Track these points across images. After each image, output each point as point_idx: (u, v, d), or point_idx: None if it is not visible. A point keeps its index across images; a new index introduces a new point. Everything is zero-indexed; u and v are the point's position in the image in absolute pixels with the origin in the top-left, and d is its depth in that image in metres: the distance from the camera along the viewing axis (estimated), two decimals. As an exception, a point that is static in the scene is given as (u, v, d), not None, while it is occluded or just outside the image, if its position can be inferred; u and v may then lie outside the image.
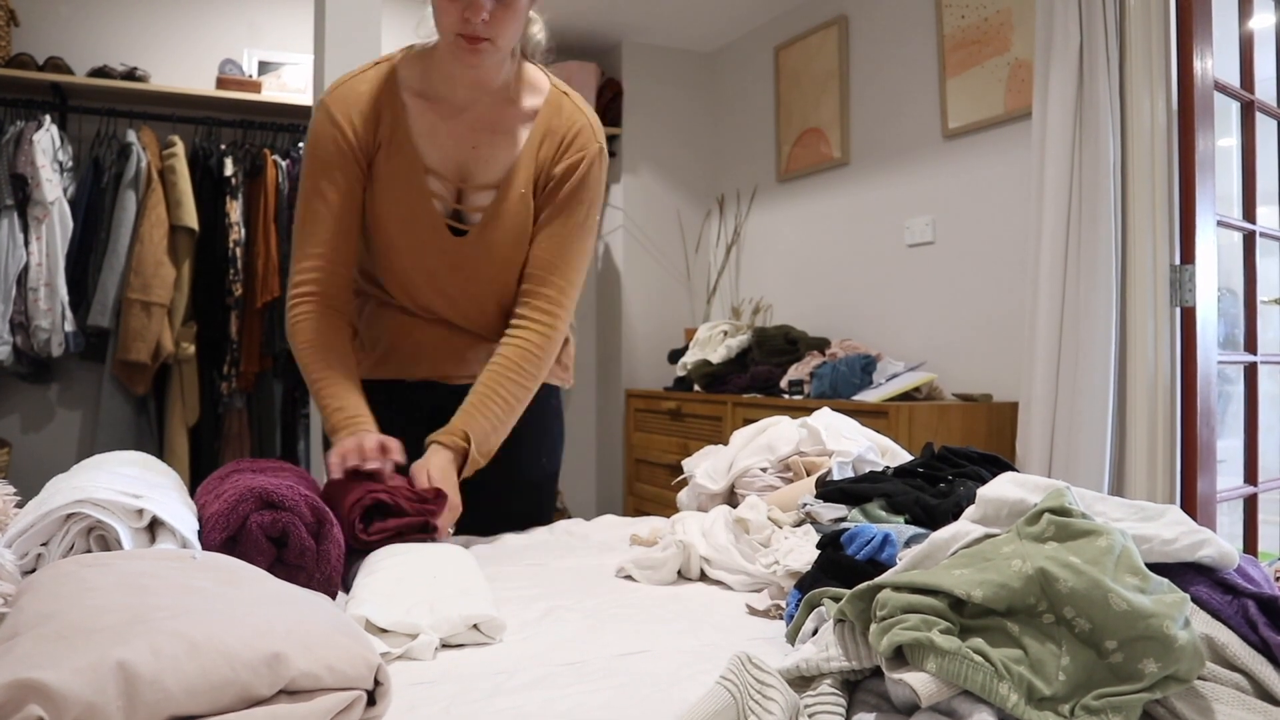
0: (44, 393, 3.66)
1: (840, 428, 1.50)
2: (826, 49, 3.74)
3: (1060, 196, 2.49)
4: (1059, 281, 2.49)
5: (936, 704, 0.64)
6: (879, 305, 3.48)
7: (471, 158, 1.50)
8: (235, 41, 3.92)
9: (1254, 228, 2.72)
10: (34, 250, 3.28)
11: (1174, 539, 0.78)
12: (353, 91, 1.49)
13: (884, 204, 3.48)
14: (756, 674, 0.67)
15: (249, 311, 3.61)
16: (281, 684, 0.63)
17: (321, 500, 1.09)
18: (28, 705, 0.54)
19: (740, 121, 4.32)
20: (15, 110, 3.45)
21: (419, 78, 1.50)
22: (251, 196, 3.66)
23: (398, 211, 1.50)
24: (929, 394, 2.87)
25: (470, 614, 0.94)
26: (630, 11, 4.00)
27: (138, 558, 0.82)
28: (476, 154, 1.50)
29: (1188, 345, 2.37)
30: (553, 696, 0.80)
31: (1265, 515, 2.80)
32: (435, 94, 1.50)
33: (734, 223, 4.30)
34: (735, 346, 3.58)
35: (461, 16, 1.34)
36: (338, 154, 1.47)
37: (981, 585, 0.67)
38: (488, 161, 1.51)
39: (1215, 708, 0.68)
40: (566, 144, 1.52)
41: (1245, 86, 2.72)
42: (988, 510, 0.85)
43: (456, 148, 1.50)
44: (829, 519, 1.19)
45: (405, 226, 1.50)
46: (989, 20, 3.03)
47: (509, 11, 1.36)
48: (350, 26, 2.64)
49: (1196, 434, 2.35)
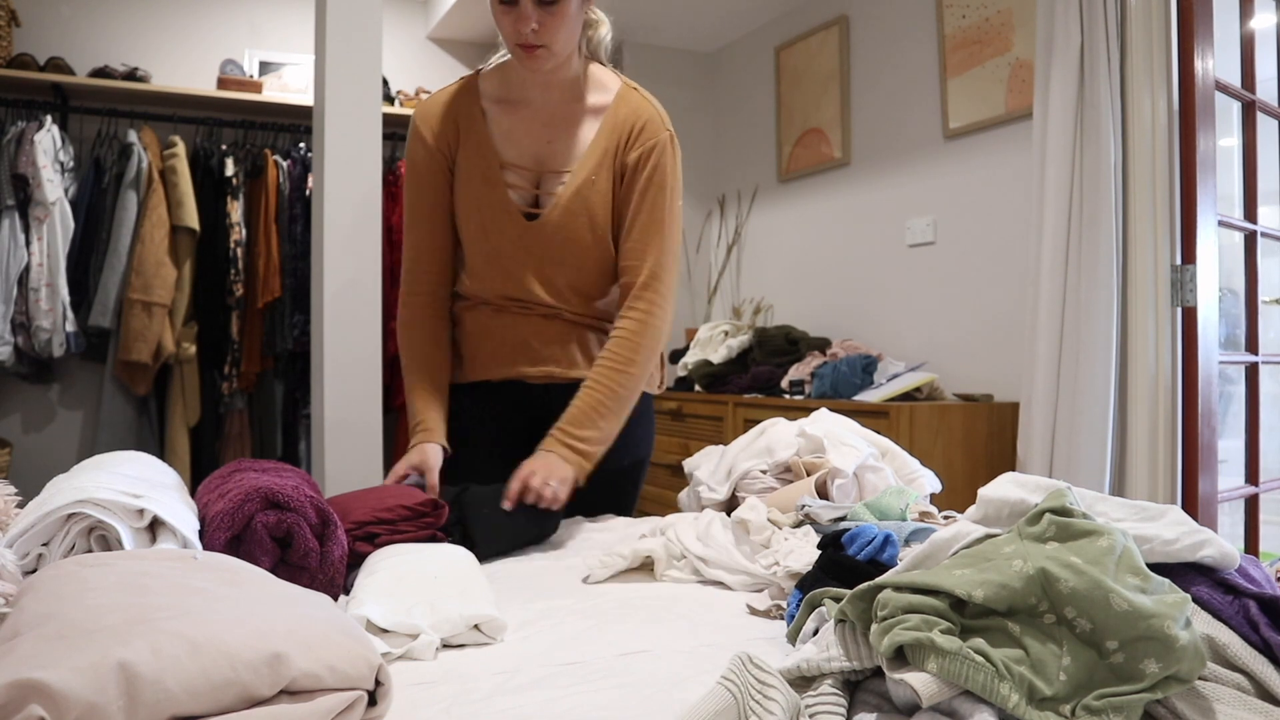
0: (45, 393, 3.66)
1: (840, 434, 1.49)
2: (827, 49, 3.74)
3: (1061, 196, 2.49)
4: (1060, 281, 2.49)
5: (937, 704, 0.64)
6: (880, 305, 3.48)
7: (546, 151, 1.63)
8: (236, 42, 3.93)
9: (1255, 228, 2.72)
10: (35, 250, 3.28)
11: (1175, 539, 0.78)
12: (434, 103, 1.67)
13: (885, 204, 3.48)
14: (757, 674, 0.67)
15: (250, 312, 3.61)
16: (282, 684, 0.63)
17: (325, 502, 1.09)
18: (29, 705, 0.54)
19: (741, 121, 4.32)
20: (16, 110, 3.45)
21: (497, 86, 1.65)
22: (252, 197, 3.66)
23: (477, 203, 1.63)
24: (930, 394, 2.87)
25: (471, 614, 0.94)
26: (631, 11, 4.00)
27: (139, 558, 0.82)
28: (551, 147, 1.63)
29: (1189, 345, 2.37)
30: (553, 696, 0.80)
31: (1266, 515, 2.80)
32: (512, 98, 1.64)
33: (735, 223, 4.30)
34: (736, 346, 3.58)
35: (515, 29, 1.49)
36: (425, 161, 1.65)
37: (982, 585, 0.67)
38: (561, 153, 1.63)
39: (1216, 708, 0.68)
40: (636, 133, 1.62)
41: (1246, 86, 2.72)
42: (989, 510, 0.85)
43: (532, 143, 1.63)
44: (828, 519, 1.19)
45: (483, 216, 1.63)
46: (990, 20, 3.02)
47: (556, 19, 1.48)
48: (351, 26, 2.64)
49: (1197, 434, 2.35)
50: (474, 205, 1.64)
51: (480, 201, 1.63)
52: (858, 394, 2.91)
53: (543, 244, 1.62)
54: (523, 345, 1.67)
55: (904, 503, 1.19)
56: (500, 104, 1.64)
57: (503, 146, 1.63)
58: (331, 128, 2.63)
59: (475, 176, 1.63)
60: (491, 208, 1.62)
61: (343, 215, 2.65)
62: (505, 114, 1.64)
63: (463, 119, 1.64)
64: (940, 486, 1.51)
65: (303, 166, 3.71)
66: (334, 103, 2.63)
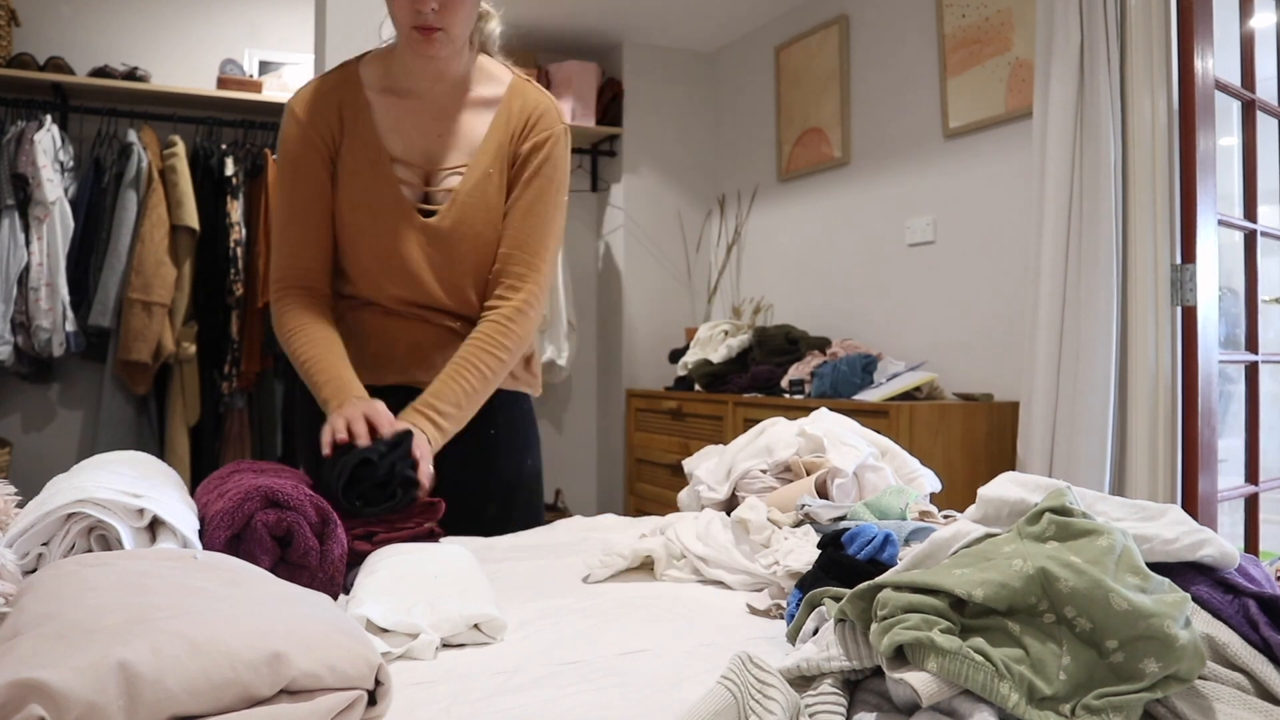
0: (45, 392, 3.66)
1: (840, 433, 1.49)
2: (827, 49, 3.74)
3: (1061, 196, 2.49)
4: (1060, 281, 2.49)
5: (937, 703, 0.64)
6: (880, 305, 3.48)
7: (436, 145, 1.55)
8: (236, 41, 3.93)
9: (1255, 227, 2.72)
10: (35, 250, 3.28)
11: (1175, 538, 0.78)
12: (314, 91, 1.55)
13: (885, 204, 3.48)
14: (757, 673, 0.67)
15: (250, 311, 3.61)
16: (282, 684, 0.63)
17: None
18: (29, 705, 0.54)
19: (741, 121, 4.32)
20: (16, 110, 3.45)
21: (380, 76, 1.56)
22: (252, 196, 3.66)
23: (366, 199, 1.53)
24: (930, 393, 2.87)
25: (471, 613, 0.94)
26: (631, 11, 4.00)
27: (139, 557, 0.83)
28: (441, 141, 1.55)
29: (1189, 345, 2.37)
30: (553, 696, 0.80)
31: (1266, 515, 2.80)
32: (397, 89, 1.55)
33: (735, 222, 4.30)
34: (736, 346, 3.58)
35: (413, 8, 1.41)
36: (304, 150, 1.53)
37: (982, 585, 0.67)
38: (452, 147, 1.55)
39: (1216, 707, 0.68)
40: (531, 124, 1.56)
41: (1246, 86, 2.72)
42: (988, 510, 0.85)
43: (421, 136, 1.55)
44: (828, 519, 1.19)
45: (374, 213, 1.53)
46: (990, 20, 3.02)
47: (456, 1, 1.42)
48: (350, 26, 2.64)
49: (1197, 433, 2.35)
50: (363, 202, 1.52)
51: (371, 198, 1.52)
52: (858, 393, 2.91)
53: (443, 243, 1.53)
54: (417, 350, 1.58)
55: (904, 502, 1.19)
56: (385, 94, 1.55)
57: (390, 140, 1.53)
58: (331, 127, 2.62)
59: (363, 171, 1.52)
60: (384, 205, 1.52)
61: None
62: (391, 106, 1.54)
63: (346, 109, 1.53)
64: (940, 486, 1.51)
65: (302, 166, 3.70)
66: (334, 102, 2.62)
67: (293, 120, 1.54)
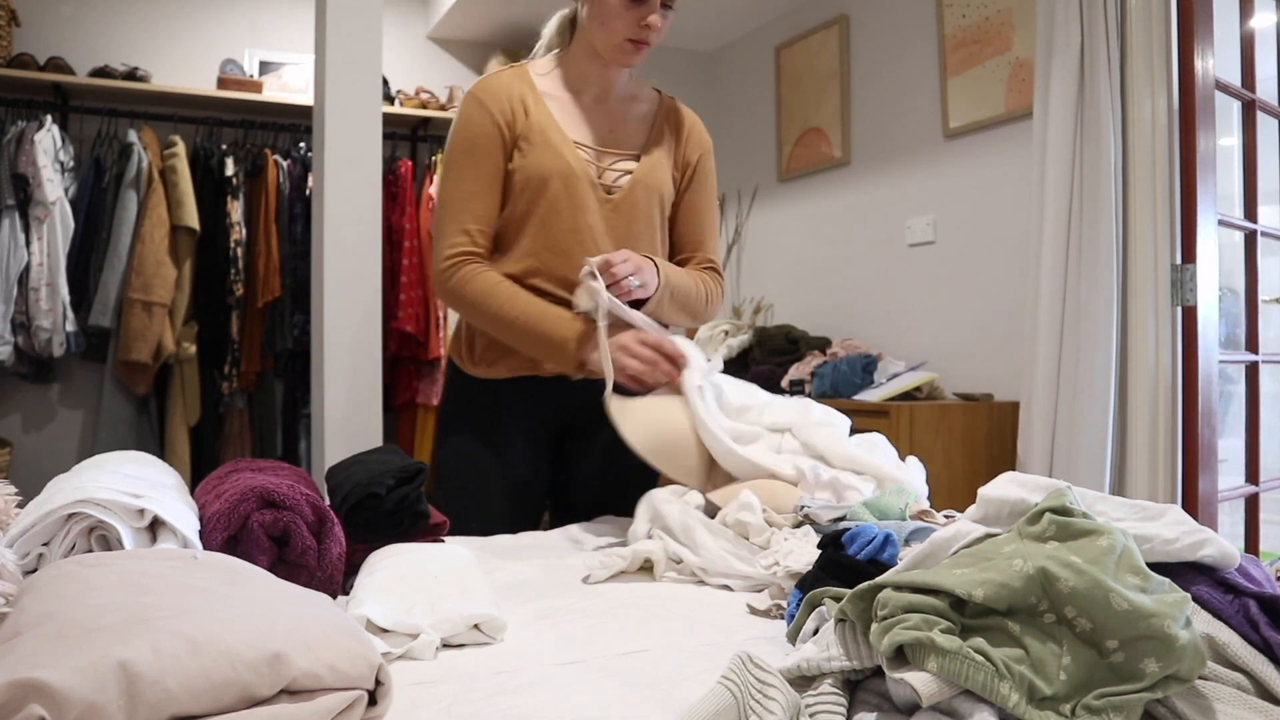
0: (45, 393, 3.66)
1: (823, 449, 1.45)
2: (827, 49, 3.74)
3: (1061, 196, 2.49)
4: (1060, 281, 2.49)
5: (937, 703, 0.64)
6: (880, 305, 3.48)
7: (609, 138, 1.69)
8: (236, 41, 3.92)
9: (1255, 227, 2.72)
10: (35, 250, 3.28)
11: (1175, 538, 0.78)
12: (497, 81, 1.65)
13: (885, 204, 3.48)
14: (757, 673, 0.67)
15: (250, 311, 3.61)
16: (283, 684, 0.63)
17: (322, 502, 1.09)
18: (29, 705, 0.54)
19: (741, 121, 4.31)
20: (16, 110, 3.45)
21: (551, 84, 1.68)
22: (253, 196, 3.66)
23: (559, 169, 1.60)
24: (930, 393, 2.87)
25: (471, 614, 0.94)
26: (631, 11, 4.00)
27: (139, 557, 0.83)
28: (613, 135, 1.69)
29: (1189, 345, 2.37)
30: (554, 696, 0.80)
31: (1266, 515, 2.80)
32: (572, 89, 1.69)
33: (735, 222, 4.29)
34: (736, 346, 3.58)
35: (640, 25, 1.56)
36: (486, 134, 1.61)
37: (983, 585, 0.67)
38: (618, 141, 1.69)
39: (1216, 707, 0.68)
40: (693, 134, 1.75)
41: (1246, 86, 2.72)
42: (989, 510, 0.85)
43: (594, 129, 1.68)
44: (828, 519, 1.19)
45: (566, 183, 1.60)
46: (990, 20, 3.02)
47: (667, 22, 1.59)
48: (351, 26, 2.64)
49: (1198, 433, 2.35)
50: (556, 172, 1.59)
51: (563, 169, 1.59)
52: (858, 393, 2.91)
53: (622, 221, 1.64)
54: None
55: (904, 502, 1.19)
56: (556, 99, 1.67)
57: (567, 126, 1.65)
58: (331, 128, 2.63)
59: (551, 147, 1.60)
60: (576, 178, 1.60)
61: (343, 215, 2.65)
62: (565, 103, 1.67)
63: (528, 100, 1.64)
64: (925, 476, 1.45)
65: (303, 166, 3.71)
66: (334, 102, 2.63)
67: (476, 104, 1.62)
